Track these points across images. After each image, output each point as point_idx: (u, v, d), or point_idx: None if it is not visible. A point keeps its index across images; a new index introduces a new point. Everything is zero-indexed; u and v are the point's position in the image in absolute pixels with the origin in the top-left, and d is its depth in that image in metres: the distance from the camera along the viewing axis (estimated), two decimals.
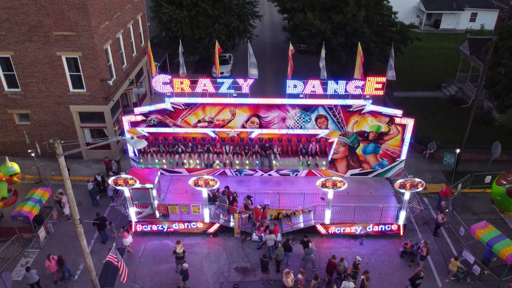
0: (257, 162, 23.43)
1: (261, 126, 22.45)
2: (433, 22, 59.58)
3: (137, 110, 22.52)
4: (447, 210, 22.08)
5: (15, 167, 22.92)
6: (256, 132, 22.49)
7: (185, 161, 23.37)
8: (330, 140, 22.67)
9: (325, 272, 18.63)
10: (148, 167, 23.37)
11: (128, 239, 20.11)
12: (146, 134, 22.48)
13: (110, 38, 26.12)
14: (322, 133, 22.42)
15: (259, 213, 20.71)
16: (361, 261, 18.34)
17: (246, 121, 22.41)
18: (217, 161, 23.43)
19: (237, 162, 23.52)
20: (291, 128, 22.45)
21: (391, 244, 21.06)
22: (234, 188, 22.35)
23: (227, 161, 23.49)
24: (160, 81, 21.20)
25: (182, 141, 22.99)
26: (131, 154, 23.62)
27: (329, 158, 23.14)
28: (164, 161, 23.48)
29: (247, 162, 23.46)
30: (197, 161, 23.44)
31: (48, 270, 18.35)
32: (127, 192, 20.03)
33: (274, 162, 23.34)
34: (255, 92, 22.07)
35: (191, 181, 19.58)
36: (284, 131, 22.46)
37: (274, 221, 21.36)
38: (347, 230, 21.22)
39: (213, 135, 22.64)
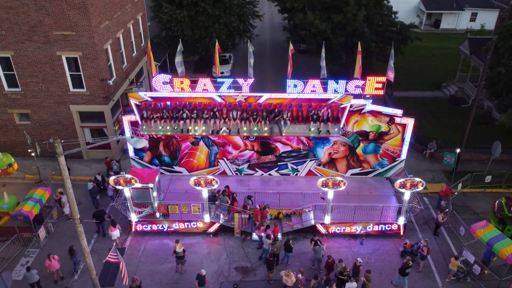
0: (265, 128, 22.02)
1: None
2: (433, 22, 59.58)
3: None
4: (447, 209, 22.09)
5: (10, 160, 23.29)
6: (265, 97, 21.59)
7: (190, 127, 21.97)
8: (342, 105, 21.56)
9: (324, 272, 18.62)
10: (151, 134, 22.69)
11: (115, 233, 20.18)
12: (149, 99, 21.69)
13: (110, 37, 26.12)
14: (334, 97, 21.45)
15: (259, 213, 20.72)
16: (362, 262, 18.32)
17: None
18: (224, 128, 21.93)
19: (244, 128, 22.03)
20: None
21: (391, 244, 21.06)
22: (234, 188, 22.35)
23: (234, 128, 22.09)
24: (160, 81, 21.21)
25: (187, 107, 21.86)
26: (131, 153, 23.63)
27: (341, 125, 21.92)
28: (168, 127, 22.07)
29: (255, 128, 22.03)
30: (203, 128, 22.06)
31: (48, 269, 18.35)
32: (127, 192, 20.03)
33: (283, 128, 22.00)
34: (255, 92, 22.03)
35: (191, 181, 19.56)
36: (294, 95, 21.42)
37: (275, 221, 21.33)
38: (347, 229, 21.21)
39: (219, 99, 21.69)
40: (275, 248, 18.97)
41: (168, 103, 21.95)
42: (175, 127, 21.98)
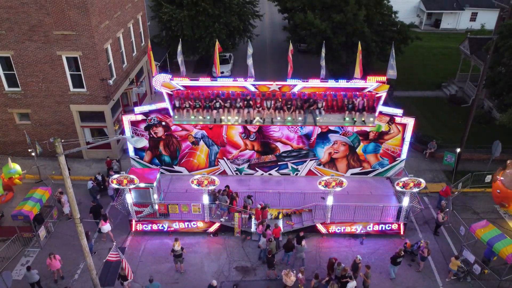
0: (299, 118, 21.56)
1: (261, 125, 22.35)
2: (433, 22, 59.56)
3: (137, 109, 22.53)
4: (447, 209, 22.09)
5: (17, 168, 23.03)
6: (299, 86, 21.05)
7: (223, 117, 21.53)
8: (378, 95, 21.11)
9: (325, 271, 18.62)
10: (185, 124, 22.35)
11: (106, 227, 20.40)
12: (182, 88, 21.20)
13: (110, 37, 26.12)
14: (370, 86, 20.91)
15: (260, 213, 20.71)
16: (361, 260, 18.33)
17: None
18: (257, 117, 21.49)
19: (278, 118, 21.58)
20: (291, 127, 22.37)
21: (392, 244, 21.04)
22: (235, 188, 22.34)
23: (268, 117, 21.67)
24: (160, 81, 21.19)
25: (220, 96, 21.41)
26: (131, 153, 23.63)
27: (376, 114, 21.53)
28: (200, 117, 21.55)
29: (289, 118, 21.54)
30: (236, 117, 21.59)
31: (49, 268, 18.35)
32: (127, 192, 20.03)
33: (318, 118, 21.54)
34: None
35: (191, 181, 19.56)
36: (329, 85, 20.98)
37: (276, 223, 21.25)
38: (348, 229, 21.21)
39: (253, 89, 21.18)
40: (270, 249, 18.93)
41: (201, 92, 21.41)
42: (208, 117, 21.53)
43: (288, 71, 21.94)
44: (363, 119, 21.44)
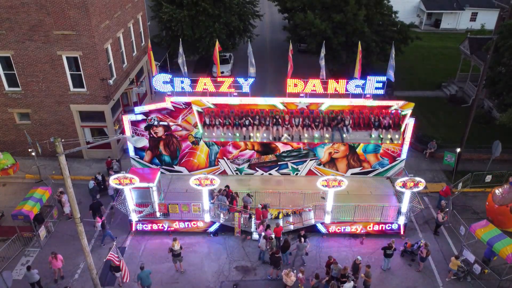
0: (327, 135, 22.21)
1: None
2: (433, 22, 59.57)
3: (137, 109, 22.52)
4: (447, 209, 22.08)
5: (11, 160, 23.56)
6: (326, 104, 21.70)
7: (251, 134, 22.14)
8: (403, 113, 21.77)
9: (325, 270, 18.63)
10: (215, 140, 22.86)
11: (100, 224, 20.60)
12: (212, 106, 21.63)
13: (110, 37, 26.12)
14: (395, 104, 21.71)
15: (260, 213, 20.72)
16: (361, 261, 18.33)
17: None
18: (286, 134, 22.13)
19: (306, 135, 22.22)
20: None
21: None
22: (235, 188, 22.35)
23: (296, 135, 22.23)
24: (160, 80, 21.21)
25: (249, 113, 21.87)
26: (131, 153, 23.62)
27: (402, 130, 22.10)
28: (229, 134, 22.22)
29: (316, 135, 22.22)
30: (264, 135, 22.22)
31: (50, 266, 18.36)
32: (128, 192, 20.04)
33: (345, 135, 22.20)
34: (255, 91, 22.05)
35: (191, 181, 19.56)
36: (356, 102, 21.61)
37: (277, 222, 21.22)
38: (348, 229, 21.21)
39: (281, 106, 21.80)
40: (273, 247, 18.95)
41: (231, 110, 21.92)
42: (237, 133, 22.15)
43: (288, 71, 21.93)
44: (389, 136, 22.01)
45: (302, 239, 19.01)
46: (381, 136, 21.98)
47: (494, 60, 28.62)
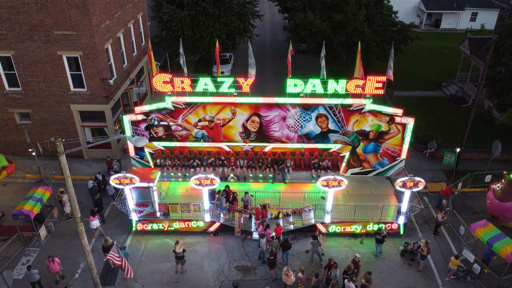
0: (270, 175, 23.65)
1: (261, 125, 22.48)
2: (433, 22, 59.56)
3: (137, 109, 22.54)
4: (447, 209, 22.10)
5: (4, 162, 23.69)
6: (270, 146, 23.05)
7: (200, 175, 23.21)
8: (342, 154, 23.14)
9: (324, 271, 18.66)
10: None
11: (95, 223, 20.66)
12: (162, 148, 23.13)
13: (110, 37, 26.15)
14: (334, 147, 22.92)
15: (260, 213, 20.74)
16: (360, 258, 18.35)
17: (247, 120, 22.43)
18: (231, 174, 23.65)
19: (250, 175, 23.78)
20: (292, 127, 22.46)
21: (391, 243, 21.06)
22: (235, 187, 22.36)
23: (241, 175, 23.71)
24: (160, 80, 21.22)
25: (197, 155, 23.42)
26: (131, 153, 23.62)
27: (341, 171, 23.48)
28: (179, 174, 23.73)
29: (260, 175, 23.74)
30: (212, 174, 23.17)
31: (49, 269, 18.36)
32: (128, 191, 20.06)
33: (287, 175, 23.49)
34: (256, 91, 22.08)
35: (192, 181, 19.59)
36: (298, 146, 22.95)
37: (277, 221, 21.25)
38: (348, 229, 21.23)
39: (227, 149, 23.15)
40: (273, 247, 18.96)
41: (180, 152, 23.39)
42: (187, 174, 23.53)
43: (288, 70, 21.96)
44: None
45: (318, 237, 19.20)
46: (320, 176, 22.26)
47: (494, 60, 28.65)
